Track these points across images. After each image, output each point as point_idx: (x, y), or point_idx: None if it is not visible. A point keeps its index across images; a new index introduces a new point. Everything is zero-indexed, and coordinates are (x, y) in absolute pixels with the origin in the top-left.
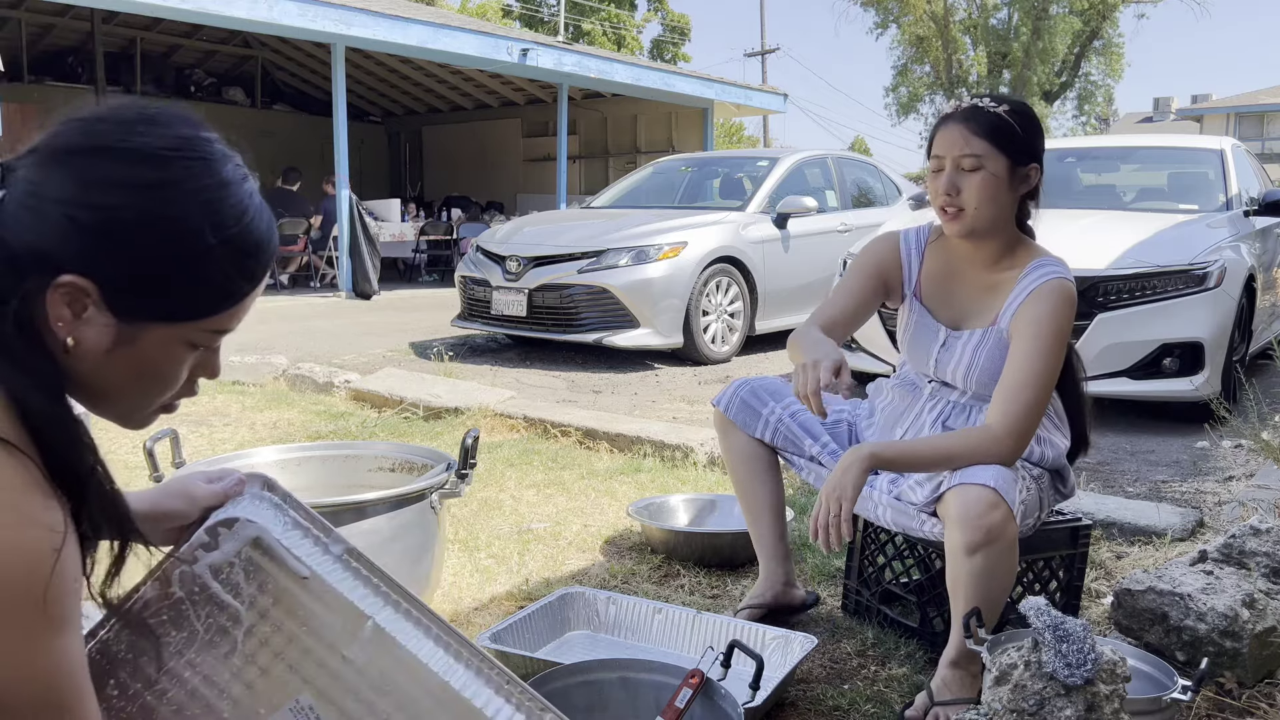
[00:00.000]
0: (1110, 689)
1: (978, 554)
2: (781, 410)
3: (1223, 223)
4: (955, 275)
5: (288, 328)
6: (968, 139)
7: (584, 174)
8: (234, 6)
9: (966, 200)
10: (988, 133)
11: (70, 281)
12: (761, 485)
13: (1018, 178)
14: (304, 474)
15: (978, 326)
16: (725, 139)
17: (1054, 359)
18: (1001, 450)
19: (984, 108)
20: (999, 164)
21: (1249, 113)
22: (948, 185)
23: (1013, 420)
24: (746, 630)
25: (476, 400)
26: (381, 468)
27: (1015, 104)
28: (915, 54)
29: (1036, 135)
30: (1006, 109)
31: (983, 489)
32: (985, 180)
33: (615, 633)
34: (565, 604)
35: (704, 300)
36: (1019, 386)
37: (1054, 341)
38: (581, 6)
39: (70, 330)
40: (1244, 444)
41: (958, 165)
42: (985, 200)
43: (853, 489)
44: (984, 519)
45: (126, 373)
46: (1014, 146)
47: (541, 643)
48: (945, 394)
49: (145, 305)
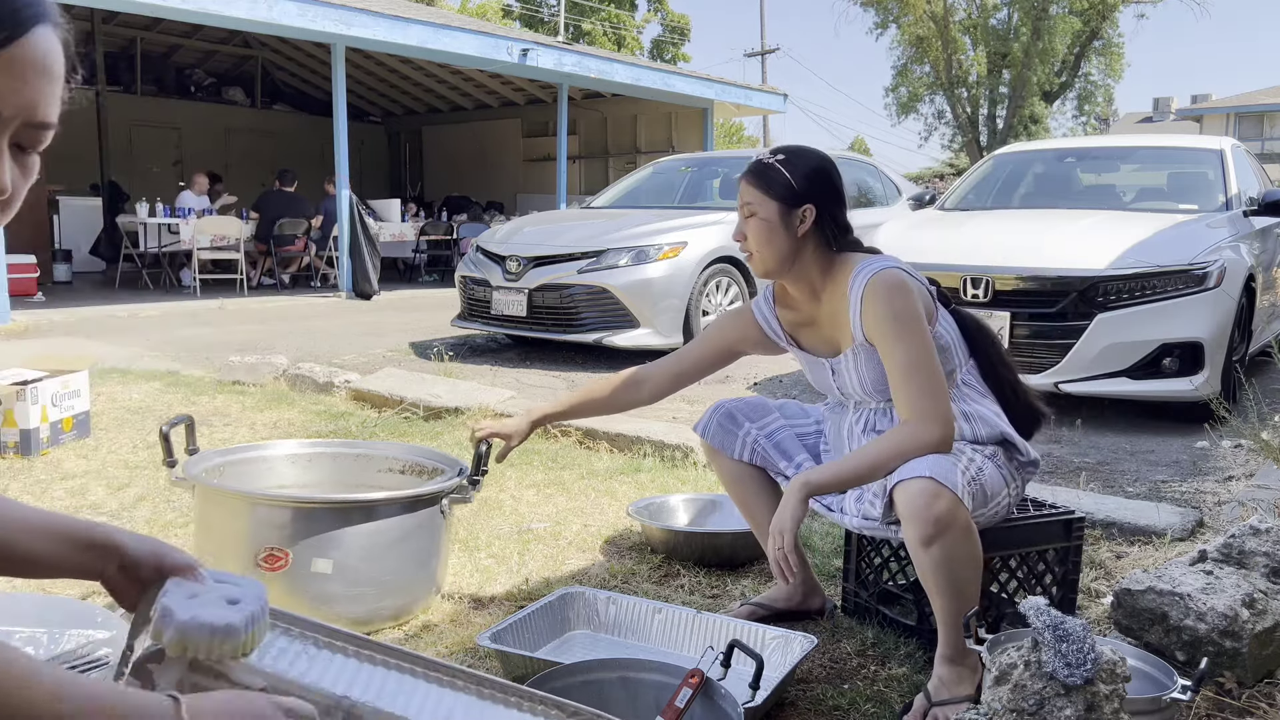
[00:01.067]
0: (1110, 689)
1: (934, 545)
2: (757, 431)
3: (1222, 223)
4: (802, 314)
5: (288, 328)
6: (745, 189)
7: (584, 174)
8: (234, 6)
9: (750, 244)
10: (758, 182)
11: None
12: (756, 501)
13: (793, 219)
14: (315, 470)
15: (846, 347)
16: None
17: (914, 341)
18: (929, 438)
19: (762, 160)
20: (769, 209)
21: (1249, 113)
22: (736, 232)
23: (920, 408)
24: (746, 630)
25: (476, 400)
26: (391, 469)
27: (793, 153)
28: (915, 54)
29: (811, 179)
30: (781, 159)
31: (921, 480)
32: (758, 225)
33: (616, 632)
34: (565, 604)
35: (704, 300)
36: (904, 379)
37: (901, 327)
38: (581, 6)
39: None
40: (1244, 444)
41: (742, 213)
42: (762, 243)
43: (791, 522)
44: (929, 510)
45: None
46: (780, 192)
47: (542, 642)
48: (863, 406)
49: None
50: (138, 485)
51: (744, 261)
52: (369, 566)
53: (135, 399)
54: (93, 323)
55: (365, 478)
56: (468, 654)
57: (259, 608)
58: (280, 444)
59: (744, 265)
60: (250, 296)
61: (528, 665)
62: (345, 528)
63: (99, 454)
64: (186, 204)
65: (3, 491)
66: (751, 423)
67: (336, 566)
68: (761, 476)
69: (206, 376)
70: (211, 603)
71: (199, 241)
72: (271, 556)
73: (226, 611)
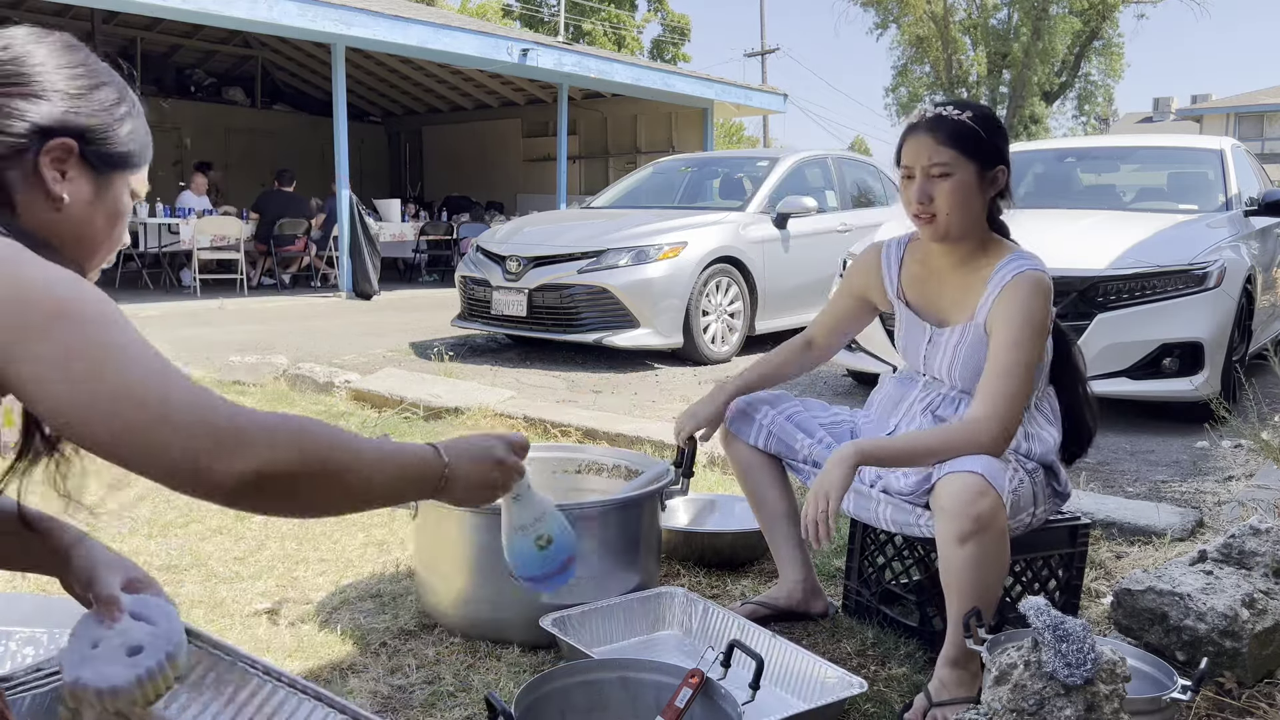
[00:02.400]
0: (1110, 689)
1: (968, 543)
2: (775, 414)
3: (1222, 223)
4: (933, 276)
5: (288, 328)
6: (935, 148)
7: (584, 174)
8: (234, 6)
9: (939, 207)
10: (954, 140)
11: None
12: (770, 491)
13: (986, 181)
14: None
15: (958, 323)
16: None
17: (1030, 349)
18: (985, 440)
19: (948, 115)
20: (967, 170)
21: (1249, 113)
22: (920, 194)
23: (993, 410)
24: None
25: (477, 400)
26: (582, 469)
27: (978, 109)
28: (915, 54)
29: (1001, 138)
30: (970, 115)
31: (971, 475)
32: (955, 186)
33: (702, 640)
34: (659, 602)
35: (704, 300)
36: (998, 377)
37: (1029, 332)
38: (581, 6)
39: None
40: (1244, 444)
41: (927, 173)
42: (957, 205)
43: (839, 486)
44: (972, 506)
45: (105, 222)
46: (980, 151)
47: (624, 637)
48: (936, 387)
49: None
50: (138, 485)
51: (919, 226)
52: (612, 560)
53: None
54: None
55: (562, 480)
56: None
57: (159, 660)
58: None
59: (744, 265)
60: (250, 296)
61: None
62: (595, 529)
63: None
64: (186, 204)
65: (2, 491)
66: (771, 407)
67: (588, 568)
68: (775, 466)
69: (207, 376)
70: (107, 655)
71: (199, 241)
72: None
73: (116, 669)
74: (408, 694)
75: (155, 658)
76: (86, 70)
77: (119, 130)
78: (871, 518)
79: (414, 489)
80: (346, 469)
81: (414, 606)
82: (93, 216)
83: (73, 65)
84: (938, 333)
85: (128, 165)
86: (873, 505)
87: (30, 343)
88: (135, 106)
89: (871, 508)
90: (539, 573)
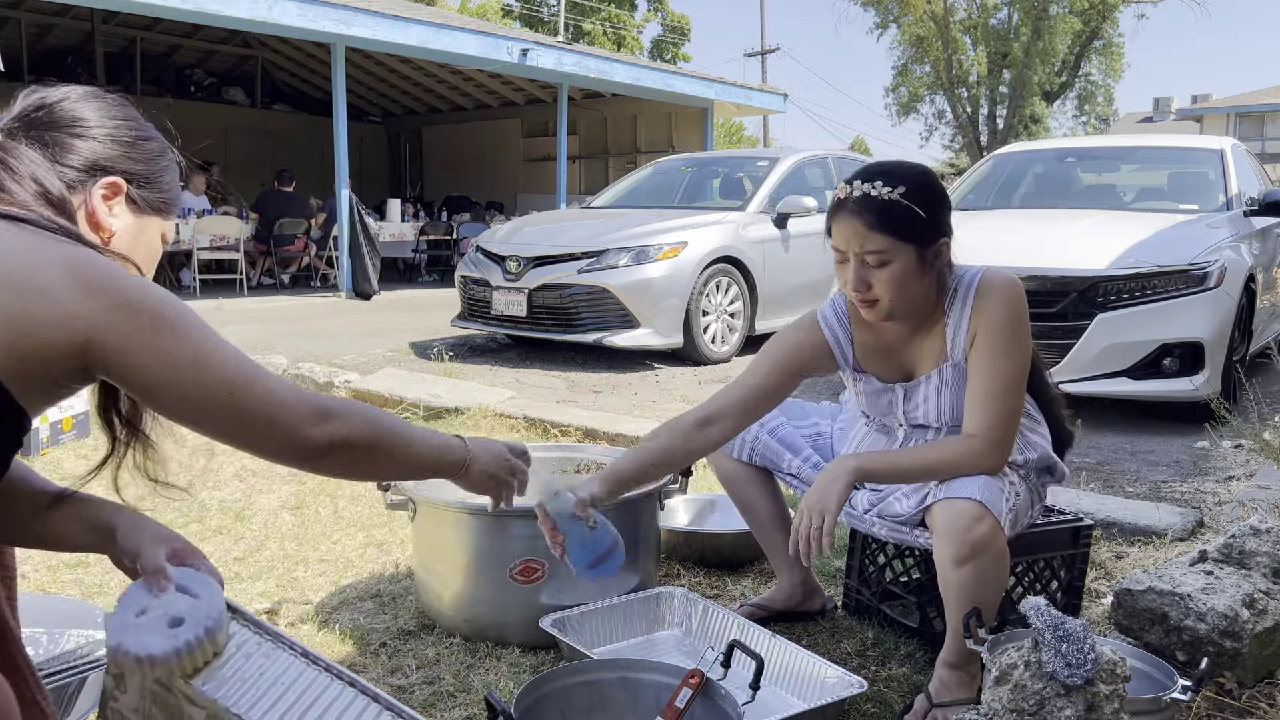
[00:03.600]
0: (1110, 689)
1: (966, 566)
2: (758, 429)
3: (1223, 223)
4: (887, 336)
5: (288, 328)
6: (867, 234)
7: (584, 174)
8: (234, 6)
9: (879, 294)
10: (886, 225)
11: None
12: (758, 500)
13: (929, 259)
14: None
15: (931, 369)
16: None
17: (1021, 357)
18: (986, 461)
19: (877, 196)
20: (906, 254)
21: (1249, 113)
22: (856, 281)
23: (993, 428)
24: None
25: (476, 400)
26: (578, 469)
27: (912, 180)
28: (915, 54)
29: (940, 207)
30: (903, 191)
31: (968, 503)
32: (894, 274)
33: (702, 640)
34: (658, 602)
35: (704, 300)
36: (994, 396)
37: (1015, 339)
38: (581, 6)
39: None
40: (1244, 444)
41: (861, 260)
42: (900, 292)
43: (836, 503)
44: (970, 533)
45: (142, 259)
46: (918, 233)
47: (624, 637)
48: (919, 434)
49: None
50: (138, 485)
51: (861, 308)
52: None
53: None
54: None
55: (564, 480)
56: None
57: (198, 634)
58: None
59: (744, 265)
60: (250, 296)
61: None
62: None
63: (98, 454)
64: (186, 204)
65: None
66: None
67: None
68: (762, 476)
69: None
70: (150, 624)
71: (199, 241)
72: (528, 569)
73: (156, 639)
74: (408, 694)
75: (195, 631)
76: (137, 124)
77: (162, 178)
78: (864, 529)
79: (446, 467)
80: (405, 444)
81: (414, 607)
82: (133, 251)
83: (125, 119)
84: (910, 386)
85: (165, 211)
86: (865, 526)
87: (143, 344)
88: (174, 162)
89: (864, 528)
90: (590, 558)
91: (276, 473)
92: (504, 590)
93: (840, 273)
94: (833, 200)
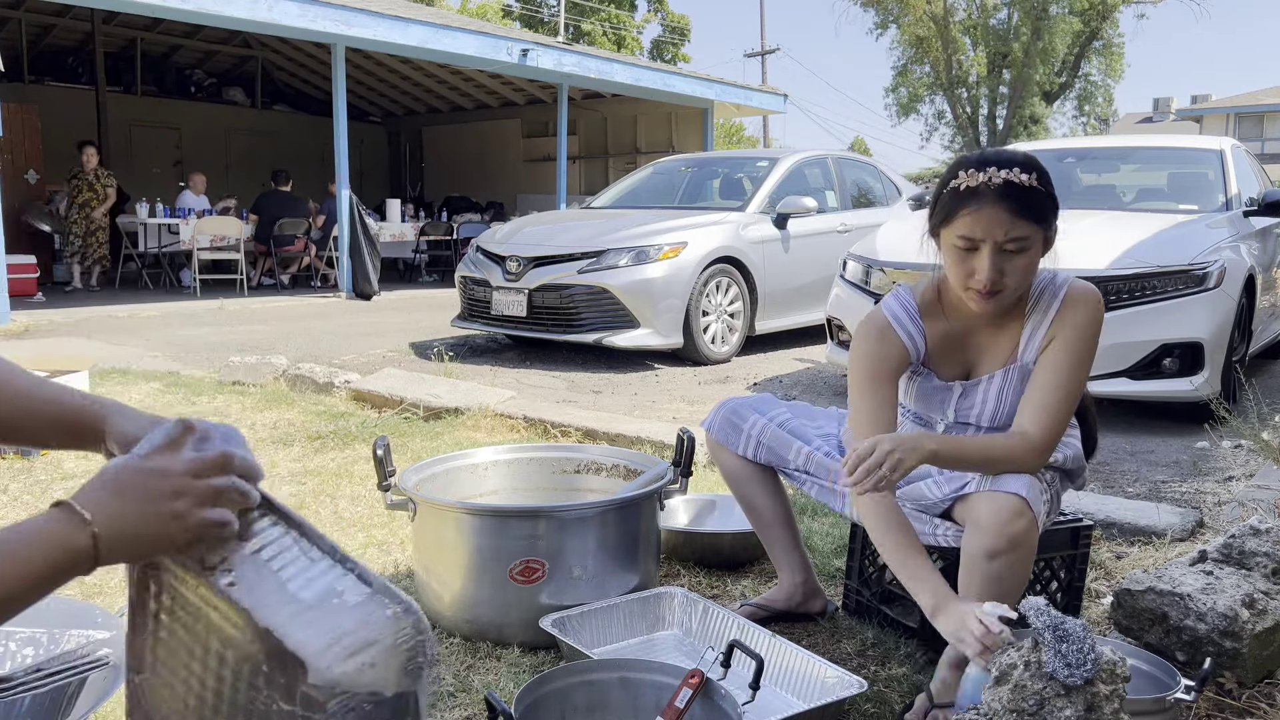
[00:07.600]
0: (1110, 689)
1: (997, 560)
2: (765, 421)
3: (1222, 223)
4: (961, 337)
5: (288, 328)
6: (1012, 221)
7: (584, 174)
8: (234, 6)
9: (1009, 283)
10: (1029, 211)
11: None
12: (762, 499)
13: (1050, 239)
14: (515, 475)
15: (995, 369)
16: (725, 139)
17: (1087, 369)
18: (1035, 462)
19: (1020, 183)
20: (1039, 238)
21: (1249, 113)
22: (992, 271)
23: (1049, 433)
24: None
25: (477, 400)
26: (579, 469)
27: (1034, 164)
28: (915, 54)
29: (1053, 186)
30: (1036, 177)
31: (1013, 498)
32: (1030, 260)
33: (703, 641)
34: (658, 602)
35: (704, 300)
36: (1058, 401)
37: (1088, 353)
38: (581, 7)
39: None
40: (1244, 444)
41: (1000, 248)
42: (1026, 279)
43: (913, 461)
44: (1009, 526)
45: None
46: (1049, 215)
47: (624, 637)
48: (960, 430)
49: None
50: None
51: (975, 299)
52: (611, 561)
53: (135, 399)
54: (93, 323)
55: (560, 480)
56: None
57: (250, 455)
58: (484, 451)
59: (744, 265)
60: (250, 297)
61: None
62: (593, 530)
63: (98, 454)
64: (186, 204)
65: (2, 491)
66: (760, 414)
67: (587, 569)
68: (764, 473)
69: (206, 377)
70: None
71: (199, 242)
72: (529, 569)
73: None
74: None
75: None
76: None
77: None
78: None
79: (50, 585)
80: None
81: None
82: None
83: None
84: (969, 385)
85: None
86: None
87: None
88: None
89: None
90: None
91: (276, 473)
92: (504, 590)
93: (963, 265)
94: (953, 189)
